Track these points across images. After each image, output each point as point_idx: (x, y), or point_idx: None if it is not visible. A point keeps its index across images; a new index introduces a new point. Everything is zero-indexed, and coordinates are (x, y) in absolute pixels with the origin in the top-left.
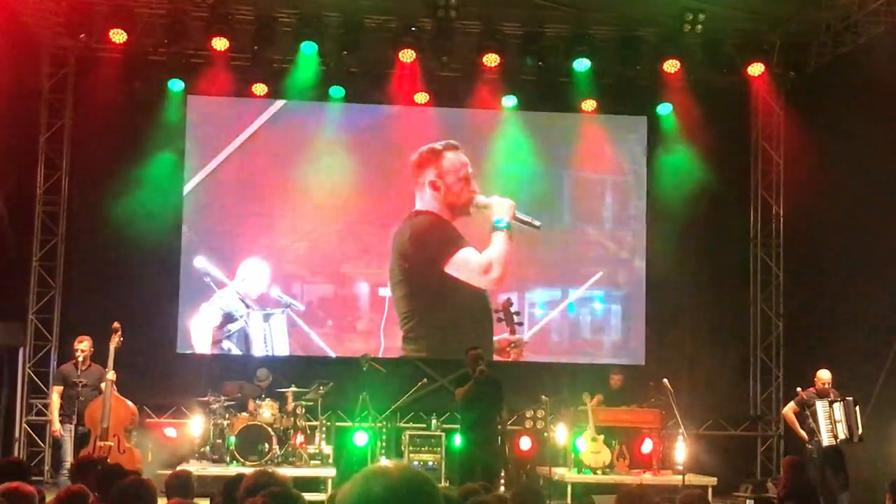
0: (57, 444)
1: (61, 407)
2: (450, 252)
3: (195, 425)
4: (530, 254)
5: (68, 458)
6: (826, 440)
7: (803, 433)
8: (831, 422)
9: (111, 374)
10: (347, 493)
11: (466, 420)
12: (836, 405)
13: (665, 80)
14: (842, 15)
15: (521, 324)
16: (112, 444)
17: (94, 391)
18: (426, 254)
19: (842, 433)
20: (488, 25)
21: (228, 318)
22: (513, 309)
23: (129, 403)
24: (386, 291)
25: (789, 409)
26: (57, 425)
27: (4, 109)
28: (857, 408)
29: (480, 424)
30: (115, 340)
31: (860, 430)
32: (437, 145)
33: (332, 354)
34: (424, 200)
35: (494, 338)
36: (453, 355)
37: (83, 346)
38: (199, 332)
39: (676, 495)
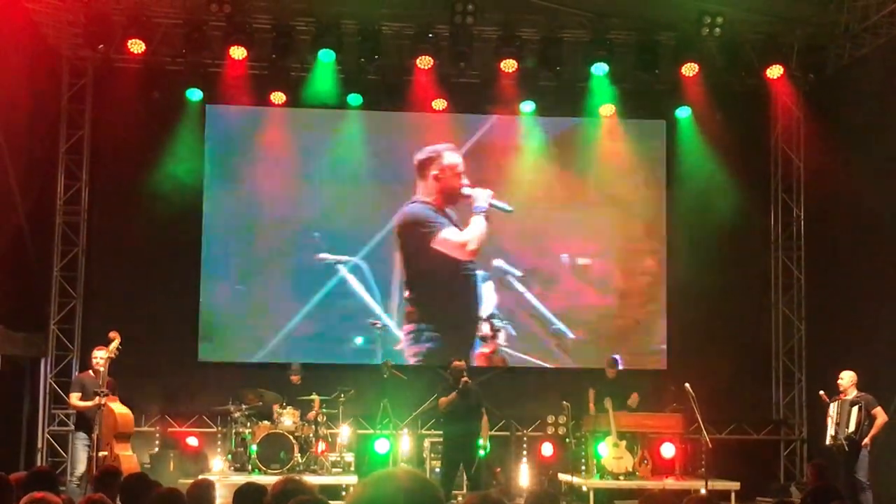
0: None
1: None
2: (436, 230)
3: (217, 434)
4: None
5: (78, 467)
6: (827, 440)
7: None
8: (832, 422)
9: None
10: (355, 496)
11: (450, 425)
12: (832, 405)
13: (684, 84)
14: (860, 17)
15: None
16: (105, 452)
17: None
18: (418, 232)
19: (832, 431)
20: (506, 31)
21: None
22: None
23: (121, 410)
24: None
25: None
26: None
27: (25, 121)
28: (855, 408)
29: (463, 427)
30: (111, 349)
31: (850, 430)
32: (440, 146)
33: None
34: (424, 189)
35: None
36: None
37: (102, 353)
38: None
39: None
